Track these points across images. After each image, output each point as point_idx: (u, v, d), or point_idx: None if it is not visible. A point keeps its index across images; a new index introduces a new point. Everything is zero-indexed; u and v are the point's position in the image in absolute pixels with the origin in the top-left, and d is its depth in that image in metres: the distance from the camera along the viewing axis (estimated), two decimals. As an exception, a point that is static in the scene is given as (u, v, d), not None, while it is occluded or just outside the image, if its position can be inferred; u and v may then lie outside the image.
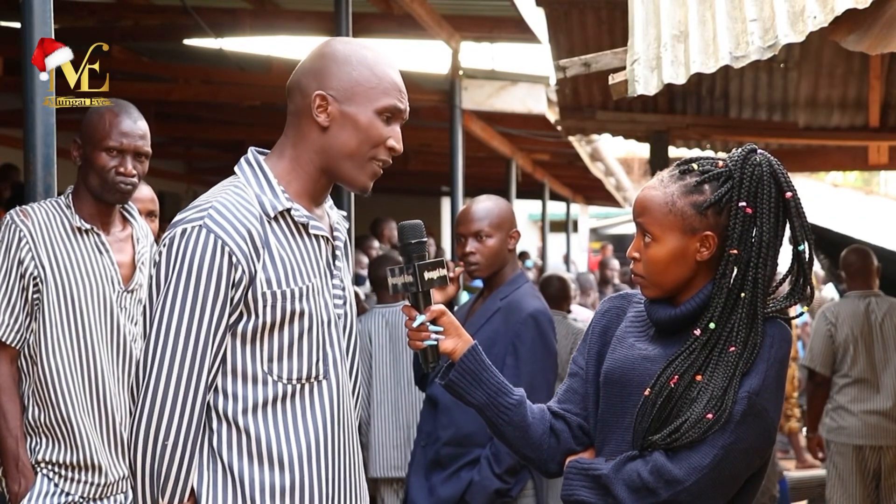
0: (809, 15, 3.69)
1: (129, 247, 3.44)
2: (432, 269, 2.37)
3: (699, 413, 2.32)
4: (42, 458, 3.27)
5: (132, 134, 3.33)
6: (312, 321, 2.26)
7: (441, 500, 3.94)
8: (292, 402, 2.25)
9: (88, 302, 3.29)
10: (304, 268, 2.27)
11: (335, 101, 2.27)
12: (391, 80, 2.32)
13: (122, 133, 3.31)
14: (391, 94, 2.30)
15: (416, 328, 2.40)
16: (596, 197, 18.88)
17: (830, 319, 6.35)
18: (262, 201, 2.25)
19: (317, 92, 2.27)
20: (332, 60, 2.30)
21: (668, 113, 7.53)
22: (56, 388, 3.25)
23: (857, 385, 6.26)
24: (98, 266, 3.33)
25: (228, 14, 7.51)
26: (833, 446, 6.27)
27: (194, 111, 10.30)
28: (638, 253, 2.45)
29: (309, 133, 2.30)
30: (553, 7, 6.73)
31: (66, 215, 3.31)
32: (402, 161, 12.64)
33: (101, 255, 3.34)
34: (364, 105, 2.28)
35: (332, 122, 2.28)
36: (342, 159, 2.29)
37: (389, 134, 2.31)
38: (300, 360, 2.25)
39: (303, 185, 2.31)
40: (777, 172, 2.40)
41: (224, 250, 2.17)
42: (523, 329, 3.92)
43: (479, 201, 4.07)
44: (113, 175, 3.31)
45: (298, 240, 2.29)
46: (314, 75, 2.30)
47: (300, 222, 2.28)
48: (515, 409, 2.49)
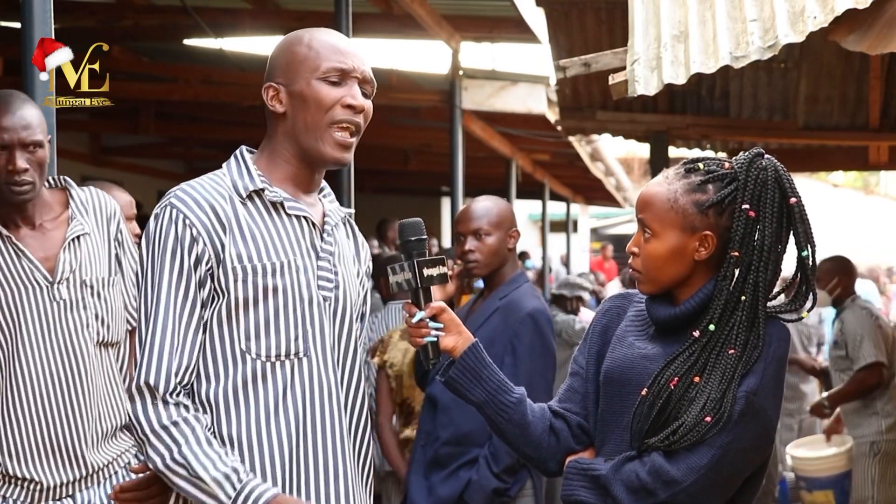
0: (809, 15, 3.69)
1: (61, 232, 3.24)
2: (432, 266, 2.38)
3: (697, 415, 2.32)
4: None
5: (12, 127, 3.11)
6: (288, 298, 2.31)
7: (440, 499, 3.94)
8: (273, 379, 2.29)
9: (12, 310, 3.16)
10: (278, 245, 2.33)
11: (283, 87, 2.37)
12: (329, 45, 2.37)
13: (1, 128, 3.10)
14: (328, 59, 2.35)
15: (416, 324, 2.41)
16: (596, 197, 18.88)
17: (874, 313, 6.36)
18: (236, 183, 2.35)
19: (265, 85, 2.39)
20: (275, 53, 2.42)
21: (668, 113, 7.53)
22: None
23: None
24: (15, 269, 3.17)
25: (228, 14, 7.51)
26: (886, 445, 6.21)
27: (194, 111, 10.31)
28: (637, 248, 2.46)
29: (275, 125, 2.40)
30: (553, 7, 6.73)
31: None
32: (402, 161, 12.68)
33: (18, 257, 3.18)
34: (304, 78, 2.35)
35: (286, 106, 2.37)
36: (304, 136, 2.36)
37: (340, 94, 2.35)
38: (278, 337, 2.29)
39: (284, 173, 2.39)
40: (782, 177, 2.40)
41: (185, 223, 2.27)
42: (522, 328, 3.92)
43: (478, 201, 4.08)
44: (4, 175, 3.11)
45: (275, 218, 2.35)
46: (266, 73, 2.42)
47: (274, 201, 2.35)
48: (515, 407, 2.49)
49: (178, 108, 10.01)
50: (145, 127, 9.52)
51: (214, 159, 14.92)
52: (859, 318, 6.37)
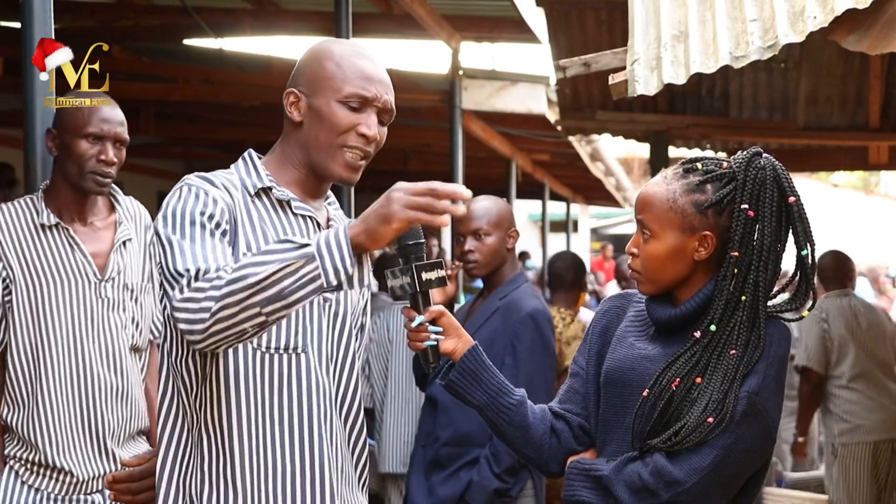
0: (809, 15, 3.69)
1: (110, 234, 3.38)
2: (430, 269, 2.37)
3: (699, 416, 2.32)
4: (11, 454, 3.26)
5: (112, 120, 3.29)
6: None
7: (440, 499, 3.94)
8: (270, 370, 2.29)
9: (61, 300, 3.25)
10: None
11: (304, 97, 2.37)
12: (357, 69, 2.36)
13: (102, 119, 3.27)
14: (354, 83, 2.35)
15: (415, 328, 2.40)
16: (596, 197, 18.88)
17: (821, 316, 6.32)
18: (244, 180, 2.36)
19: (288, 90, 2.39)
20: (305, 60, 2.42)
21: (668, 113, 7.53)
22: (24, 389, 3.23)
23: (860, 381, 6.23)
24: (69, 261, 3.27)
25: (228, 14, 7.51)
26: (842, 448, 6.21)
27: (194, 111, 10.30)
28: (636, 248, 2.46)
29: (289, 131, 2.40)
30: (553, 7, 6.73)
31: (33, 213, 3.26)
32: (402, 161, 12.66)
33: (73, 249, 3.29)
34: (327, 96, 2.35)
35: (304, 116, 2.37)
36: (314, 150, 2.37)
37: (357, 121, 2.35)
38: (278, 329, 2.29)
39: (292, 177, 2.40)
40: (780, 176, 2.40)
41: (207, 194, 2.25)
42: (522, 329, 3.92)
43: (477, 200, 4.08)
44: (93, 163, 3.26)
45: (282, 216, 2.36)
46: (291, 76, 2.42)
47: (281, 199, 2.36)
48: (516, 409, 2.49)
49: (178, 108, 9.99)
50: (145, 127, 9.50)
51: (214, 159, 14.92)
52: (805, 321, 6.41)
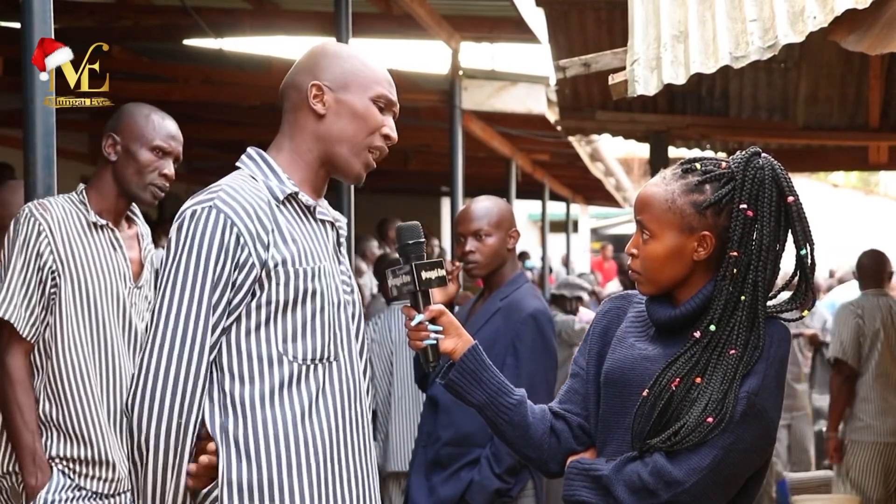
0: (809, 15, 3.69)
1: (137, 244, 3.48)
2: (430, 269, 2.38)
3: (699, 416, 2.32)
4: (55, 454, 3.26)
5: (178, 138, 3.42)
6: (325, 301, 2.32)
7: (441, 499, 3.94)
8: (307, 382, 2.29)
9: (103, 297, 3.31)
10: (314, 249, 2.34)
11: (330, 91, 2.36)
12: (382, 71, 2.41)
13: (170, 136, 3.39)
14: (381, 84, 2.39)
15: (415, 328, 2.41)
16: (596, 197, 18.86)
17: (857, 311, 6.32)
18: (270, 186, 2.32)
19: (312, 82, 2.36)
20: (324, 56, 2.40)
21: (667, 113, 7.53)
22: (70, 384, 3.25)
23: (881, 380, 6.21)
24: (112, 262, 3.35)
25: (228, 14, 7.50)
26: (855, 446, 6.19)
27: (194, 111, 10.29)
28: (636, 249, 2.46)
29: (306, 124, 2.37)
30: (553, 7, 6.73)
31: (81, 210, 3.32)
32: (402, 161, 12.66)
33: (115, 251, 3.37)
34: (359, 93, 2.36)
35: (329, 110, 2.36)
36: (339, 145, 2.36)
37: (384, 122, 2.39)
38: (314, 340, 2.30)
39: (303, 175, 2.38)
40: (779, 176, 2.40)
41: (232, 230, 2.22)
42: (523, 329, 3.92)
43: (478, 201, 4.08)
44: (155, 175, 3.35)
45: (307, 223, 2.36)
46: (308, 71, 2.39)
47: (307, 205, 2.36)
48: (516, 408, 2.49)
49: (178, 108, 9.96)
50: (145, 127, 9.49)
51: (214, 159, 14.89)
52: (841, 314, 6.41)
